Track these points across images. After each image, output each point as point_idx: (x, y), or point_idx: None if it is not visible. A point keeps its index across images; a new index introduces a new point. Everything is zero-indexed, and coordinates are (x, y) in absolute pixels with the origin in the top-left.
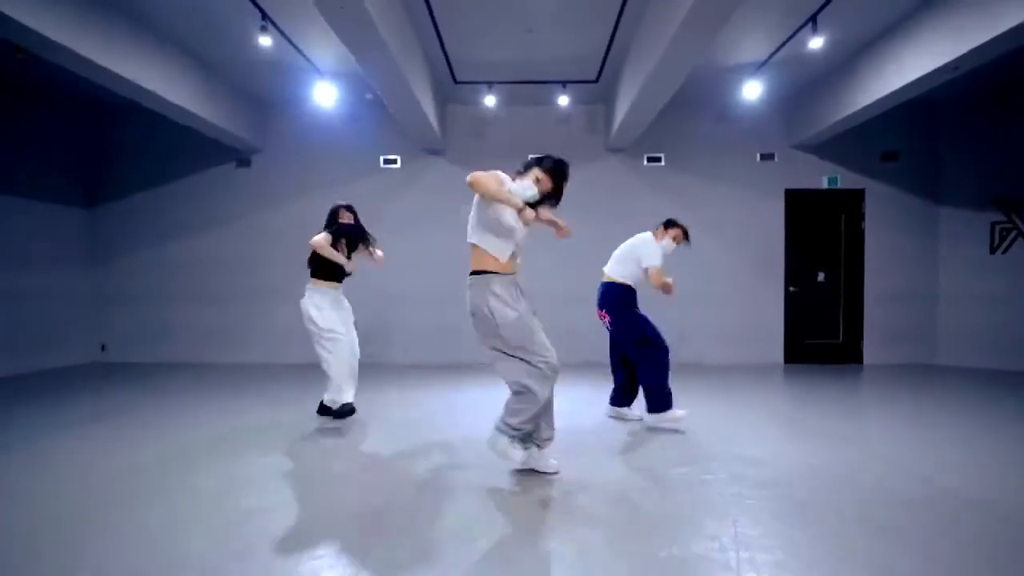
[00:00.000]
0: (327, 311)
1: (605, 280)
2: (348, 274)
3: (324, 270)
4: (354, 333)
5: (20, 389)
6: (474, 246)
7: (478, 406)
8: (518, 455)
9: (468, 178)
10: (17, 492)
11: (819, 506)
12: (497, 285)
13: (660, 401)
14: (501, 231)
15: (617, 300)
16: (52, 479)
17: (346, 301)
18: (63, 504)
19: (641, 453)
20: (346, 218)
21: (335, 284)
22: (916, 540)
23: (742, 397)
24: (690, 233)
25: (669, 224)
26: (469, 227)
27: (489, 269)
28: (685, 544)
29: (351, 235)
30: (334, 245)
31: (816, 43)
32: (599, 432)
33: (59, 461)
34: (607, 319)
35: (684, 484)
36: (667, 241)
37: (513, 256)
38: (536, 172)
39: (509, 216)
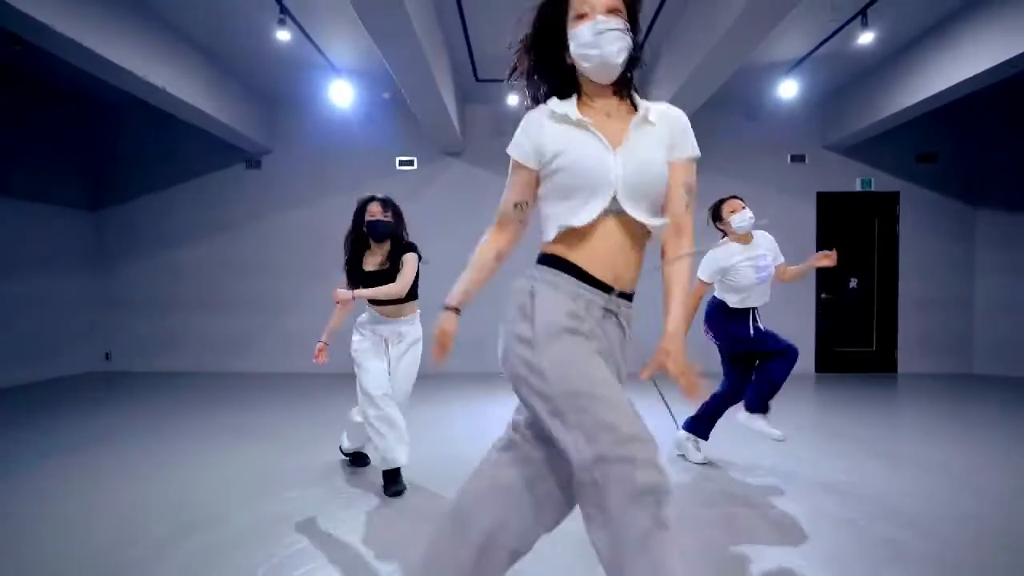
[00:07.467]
0: (365, 345)
1: None
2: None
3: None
4: (400, 388)
5: (20, 402)
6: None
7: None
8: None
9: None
10: (9, 537)
11: None
12: None
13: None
14: None
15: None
16: (52, 521)
17: (406, 340)
18: (61, 562)
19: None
20: (374, 214)
21: (383, 309)
22: None
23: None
24: (735, 203)
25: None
26: None
27: None
28: None
29: (375, 235)
30: (364, 250)
31: (866, 38)
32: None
33: (60, 496)
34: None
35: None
36: (730, 224)
37: None
38: None
39: None
